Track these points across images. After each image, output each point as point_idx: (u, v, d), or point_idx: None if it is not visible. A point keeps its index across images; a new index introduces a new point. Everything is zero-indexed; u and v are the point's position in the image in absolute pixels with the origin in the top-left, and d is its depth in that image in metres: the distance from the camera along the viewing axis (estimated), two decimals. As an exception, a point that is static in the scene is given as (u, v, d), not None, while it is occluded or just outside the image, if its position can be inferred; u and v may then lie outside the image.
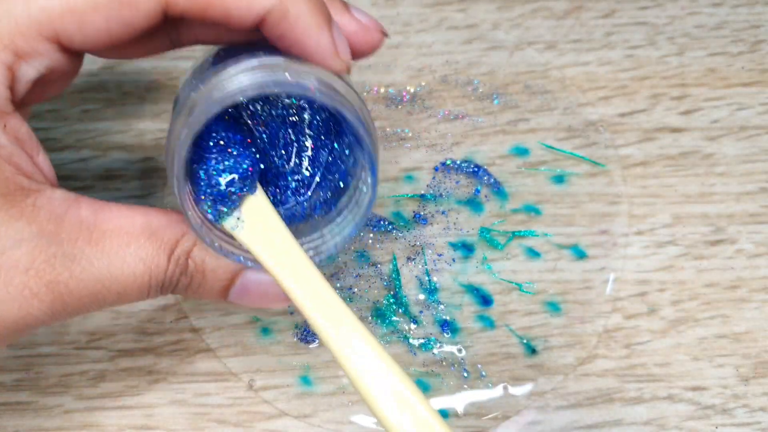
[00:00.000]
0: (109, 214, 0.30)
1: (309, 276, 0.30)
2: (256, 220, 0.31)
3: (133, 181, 0.44)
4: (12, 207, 0.29)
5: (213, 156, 0.31)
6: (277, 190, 0.33)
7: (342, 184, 0.33)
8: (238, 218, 0.31)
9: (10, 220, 0.28)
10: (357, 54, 0.33)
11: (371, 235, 0.43)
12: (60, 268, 0.29)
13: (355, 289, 0.42)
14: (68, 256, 0.29)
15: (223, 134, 0.31)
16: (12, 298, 0.28)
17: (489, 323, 0.41)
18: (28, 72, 0.30)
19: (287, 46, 0.30)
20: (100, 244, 0.29)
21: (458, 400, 0.39)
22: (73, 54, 0.32)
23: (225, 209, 0.31)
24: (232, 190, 0.30)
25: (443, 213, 0.43)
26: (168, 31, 0.33)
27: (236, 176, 0.31)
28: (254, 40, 0.32)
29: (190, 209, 0.30)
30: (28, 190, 0.29)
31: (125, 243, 0.29)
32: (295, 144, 0.33)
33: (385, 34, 0.33)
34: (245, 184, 0.31)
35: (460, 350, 0.40)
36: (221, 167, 0.30)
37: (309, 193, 0.33)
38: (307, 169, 0.33)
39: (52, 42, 0.30)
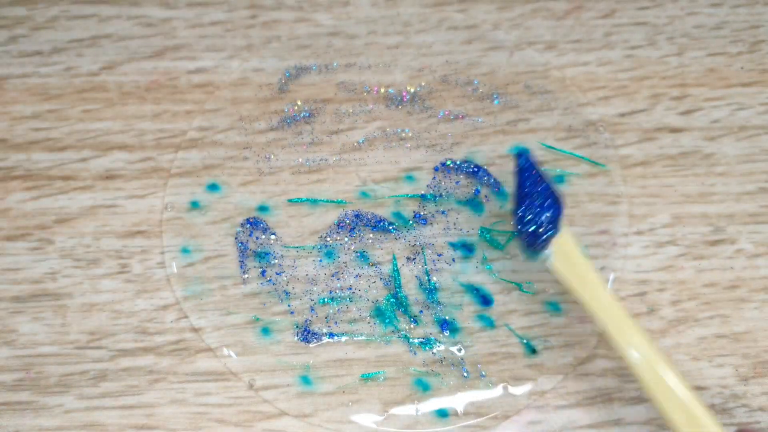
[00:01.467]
0: None
1: (603, 297, 0.37)
2: (563, 252, 0.38)
3: (133, 181, 0.44)
4: None
5: (529, 203, 0.38)
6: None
7: None
8: (549, 252, 0.39)
9: None
10: None
11: (371, 235, 0.43)
12: None
13: (355, 289, 0.42)
14: None
15: (535, 187, 0.39)
16: None
17: (489, 323, 0.41)
18: None
19: None
20: None
21: (458, 400, 0.39)
22: None
23: (539, 246, 0.38)
24: (548, 231, 0.38)
25: (443, 213, 0.43)
26: None
27: (550, 219, 0.38)
28: None
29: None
30: None
31: None
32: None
33: None
34: (556, 227, 0.38)
35: (460, 350, 0.40)
36: (535, 214, 0.38)
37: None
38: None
39: None
